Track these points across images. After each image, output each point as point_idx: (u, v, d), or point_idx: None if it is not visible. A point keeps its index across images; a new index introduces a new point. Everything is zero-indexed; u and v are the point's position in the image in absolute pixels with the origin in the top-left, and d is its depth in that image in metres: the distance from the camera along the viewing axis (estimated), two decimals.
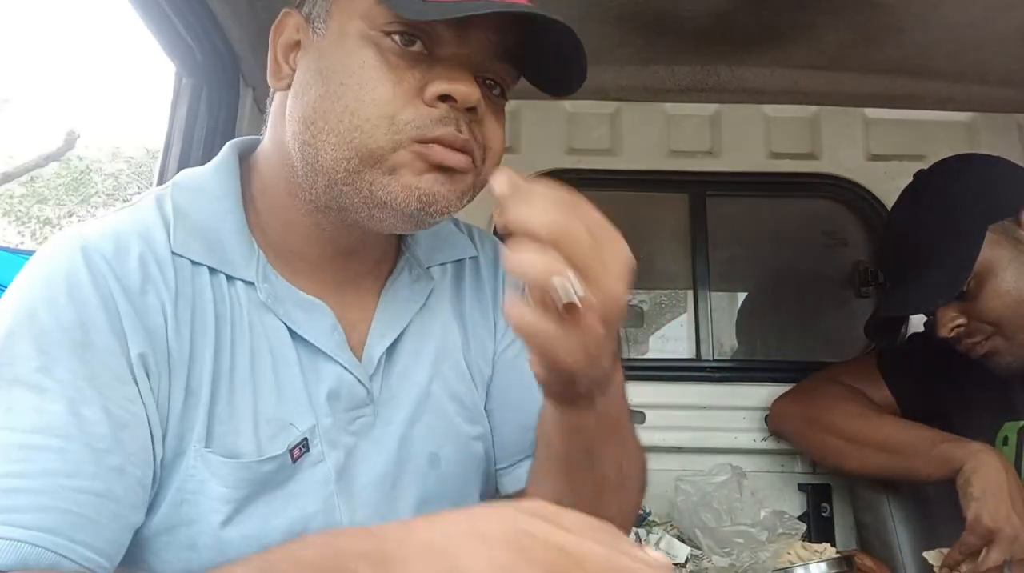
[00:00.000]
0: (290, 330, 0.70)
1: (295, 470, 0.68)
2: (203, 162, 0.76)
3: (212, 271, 0.68)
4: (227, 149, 0.75)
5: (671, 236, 1.88)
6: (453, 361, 0.80)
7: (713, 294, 1.77)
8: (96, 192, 12.05)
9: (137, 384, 0.61)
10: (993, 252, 1.15)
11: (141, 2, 1.20)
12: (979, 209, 1.17)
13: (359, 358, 0.73)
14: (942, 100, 1.68)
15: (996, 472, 1.13)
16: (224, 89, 1.40)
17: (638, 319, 2.35)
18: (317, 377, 0.71)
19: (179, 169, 1.37)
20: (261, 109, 1.60)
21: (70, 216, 11.73)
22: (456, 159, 0.64)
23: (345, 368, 0.71)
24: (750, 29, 1.48)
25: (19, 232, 11.60)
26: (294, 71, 0.69)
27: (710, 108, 1.74)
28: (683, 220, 1.78)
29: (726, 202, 1.80)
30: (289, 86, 0.69)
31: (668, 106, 1.73)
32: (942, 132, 1.69)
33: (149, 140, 11.92)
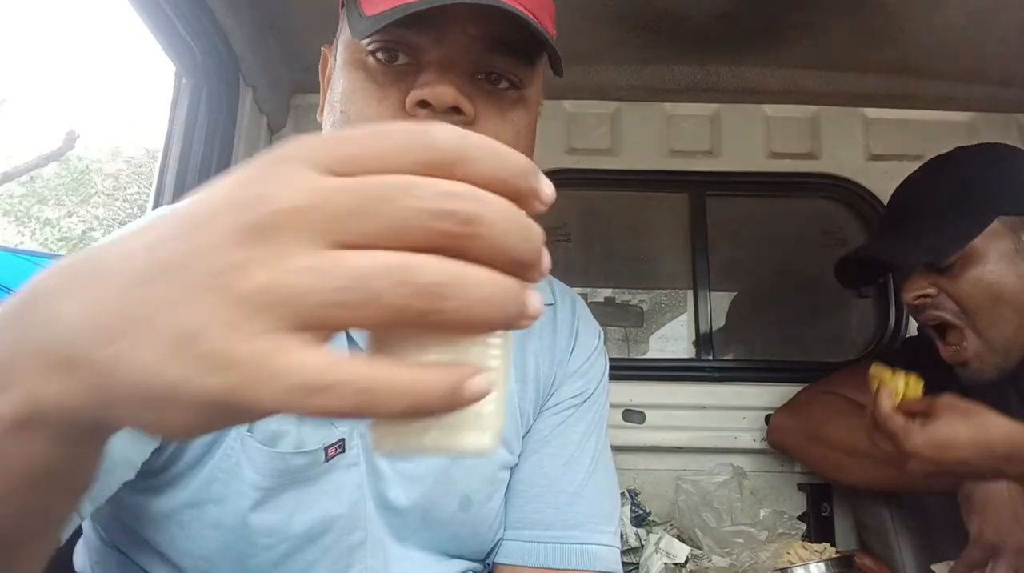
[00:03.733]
0: (347, 332, 0.70)
1: (328, 469, 0.68)
2: (203, 162, 0.76)
3: None
4: None
5: (671, 236, 1.88)
6: (509, 405, 0.79)
7: (713, 294, 1.76)
8: (96, 192, 12.01)
9: None
10: (992, 241, 1.13)
11: (141, 2, 1.20)
12: (998, 197, 1.15)
13: None
14: (942, 100, 1.68)
15: (997, 484, 1.11)
16: (224, 89, 1.40)
17: (638, 319, 2.35)
18: None
19: (179, 169, 1.38)
20: (261, 109, 1.60)
21: (70, 216, 11.71)
22: None
23: None
24: (750, 29, 1.48)
25: (19, 232, 11.56)
26: None
27: (710, 108, 1.74)
28: (683, 220, 1.78)
29: (726, 202, 1.80)
30: None
31: (668, 106, 1.73)
32: (942, 132, 1.68)
33: (149, 140, 11.93)
